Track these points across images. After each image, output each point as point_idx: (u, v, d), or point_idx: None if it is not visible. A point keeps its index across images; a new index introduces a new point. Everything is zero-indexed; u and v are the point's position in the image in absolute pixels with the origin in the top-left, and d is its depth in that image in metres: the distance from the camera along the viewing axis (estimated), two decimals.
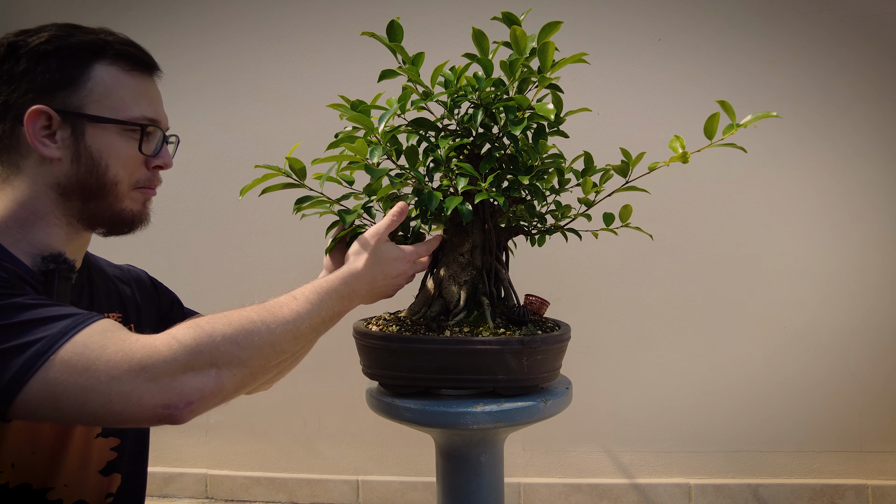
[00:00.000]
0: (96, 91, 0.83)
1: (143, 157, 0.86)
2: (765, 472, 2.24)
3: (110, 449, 0.91)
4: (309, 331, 0.80)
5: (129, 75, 0.86)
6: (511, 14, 0.95)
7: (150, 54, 0.90)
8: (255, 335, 0.73)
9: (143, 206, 0.90)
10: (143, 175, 0.88)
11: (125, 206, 0.87)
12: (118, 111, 0.84)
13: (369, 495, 2.36)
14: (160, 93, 0.92)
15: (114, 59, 0.85)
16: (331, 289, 0.85)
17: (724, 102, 0.93)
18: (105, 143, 0.83)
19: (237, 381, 0.72)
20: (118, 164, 0.84)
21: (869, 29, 2.14)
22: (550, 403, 0.94)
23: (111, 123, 0.83)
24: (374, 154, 0.89)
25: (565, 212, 1.07)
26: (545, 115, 0.90)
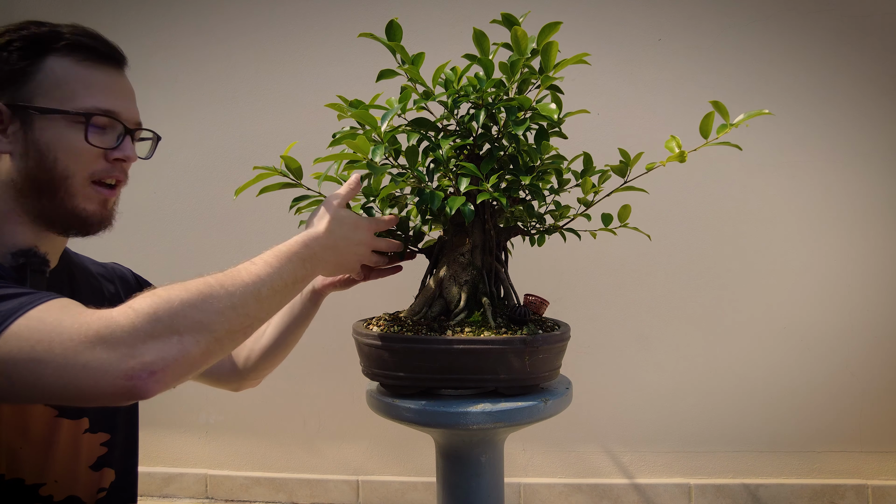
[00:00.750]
0: (45, 83, 0.81)
1: (97, 149, 0.83)
2: (765, 472, 2.24)
3: (100, 444, 0.91)
4: (271, 293, 0.77)
5: (83, 66, 0.83)
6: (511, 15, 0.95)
7: (114, 46, 0.87)
8: (215, 299, 0.71)
9: (101, 206, 0.86)
10: (100, 167, 0.84)
11: (78, 204, 0.83)
12: (65, 102, 0.81)
13: (369, 495, 2.36)
14: (129, 86, 0.89)
15: (67, 50, 0.83)
16: (290, 252, 0.82)
17: (717, 102, 0.94)
18: (53, 135, 0.81)
19: (202, 348, 0.69)
20: (67, 156, 0.82)
21: (869, 29, 2.15)
22: (550, 403, 0.94)
23: (58, 114, 0.80)
24: (377, 152, 0.89)
25: (564, 212, 1.08)
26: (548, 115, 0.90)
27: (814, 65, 2.17)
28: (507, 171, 0.99)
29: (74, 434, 0.87)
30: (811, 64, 2.17)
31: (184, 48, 2.38)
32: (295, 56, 2.34)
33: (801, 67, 2.17)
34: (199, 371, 0.71)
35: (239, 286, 0.74)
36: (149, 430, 2.40)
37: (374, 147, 0.89)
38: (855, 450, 2.21)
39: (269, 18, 2.35)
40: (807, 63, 2.17)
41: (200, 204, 2.40)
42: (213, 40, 2.37)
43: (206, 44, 2.37)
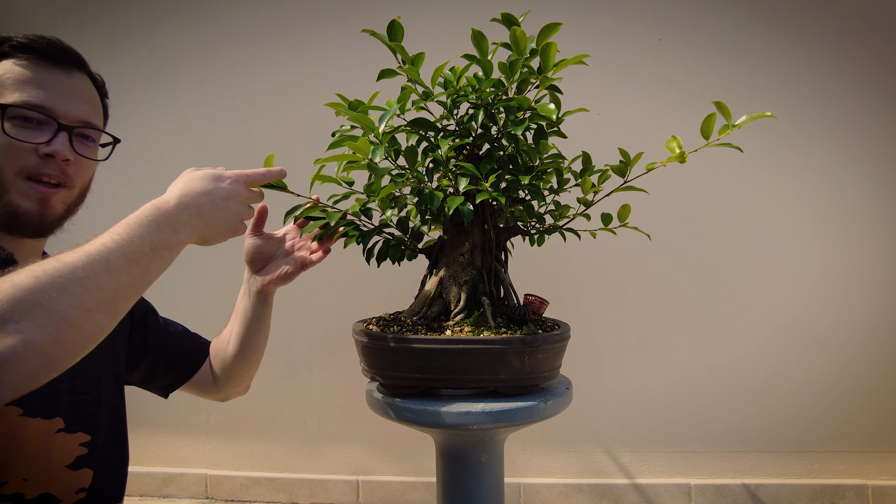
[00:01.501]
0: None
1: (24, 143, 0.83)
2: (765, 472, 2.24)
3: (79, 444, 0.90)
4: (126, 262, 0.69)
5: (21, 66, 0.84)
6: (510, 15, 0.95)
7: (62, 48, 0.87)
8: (52, 275, 0.63)
9: (39, 203, 0.85)
10: (31, 163, 0.84)
11: (12, 199, 0.83)
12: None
13: (369, 495, 2.36)
14: (76, 86, 0.88)
15: (11, 51, 0.84)
16: (140, 217, 0.74)
17: (719, 103, 0.93)
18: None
19: (52, 333, 0.60)
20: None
21: (869, 29, 2.15)
22: (551, 403, 0.94)
23: None
24: (377, 153, 0.89)
25: (564, 212, 1.08)
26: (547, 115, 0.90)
27: (814, 64, 2.17)
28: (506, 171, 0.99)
29: (45, 433, 0.86)
30: (811, 64, 2.17)
31: (183, 48, 2.38)
32: (295, 55, 2.34)
33: (802, 67, 2.17)
34: (68, 362, 0.64)
35: (82, 259, 0.66)
36: (149, 431, 2.42)
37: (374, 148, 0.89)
38: (855, 450, 2.21)
39: (269, 18, 2.35)
40: (807, 63, 2.17)
41: None
42: (212, 40, 2.37)
43: (206, 43, 2.37)
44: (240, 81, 2.36)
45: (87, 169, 0.91)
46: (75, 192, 0.90)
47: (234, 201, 0.85)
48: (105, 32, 2.37)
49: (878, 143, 2.17)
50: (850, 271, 2.20)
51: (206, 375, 1.17)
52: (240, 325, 1.12)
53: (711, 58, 2.19)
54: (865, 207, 2.18)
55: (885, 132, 2.16)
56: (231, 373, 1.15)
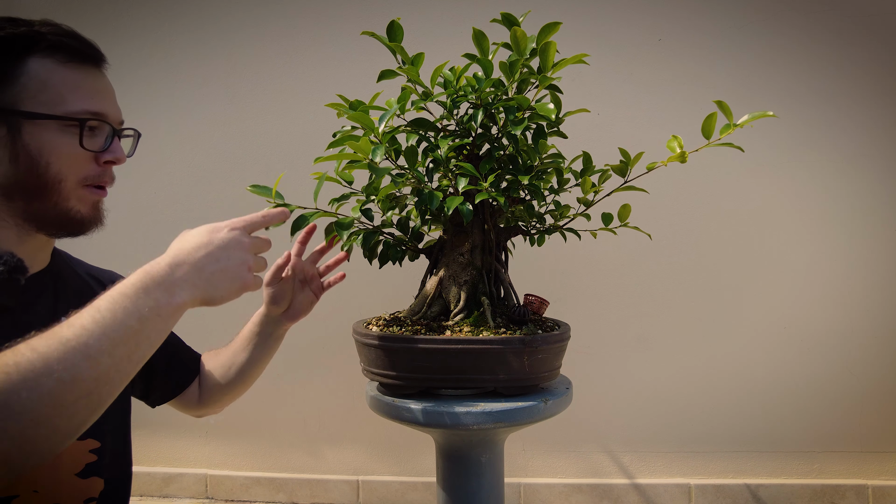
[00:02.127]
0: (31, 86, 0.79)
1: (88, 152, 0.82)
2: (765, 472, 2.24)
3: (88, 451, 0.87)
4: (107, 344, 0.61)
5: (67, 67, 0.81)
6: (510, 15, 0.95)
7: (93, 45, 0.85)
8: (24, 370, 0.56)
9: (92, 207, 0.85)
10: (93, 171, 0.83)
11: (71, 206, 0.82)
12: (55, 106, 0.79)
13: (369, 495, 2.36)
14: (110, 85, 0.87)
15: (48, 51, 0.80)
16: (125, 284, 0.67)
17: (721, 102, 0.93)
18: (44, 140, 0.79)
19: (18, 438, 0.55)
20: (60, 161, 0.80)
21: (869, 29, 2.14)
22: (551, 403, 0.94)
23: (48, 119, 0.79)
24: (377, 153, 0.89)
25: (564, 212, 1.08)
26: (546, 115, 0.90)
27: (814, 65, 2.17)
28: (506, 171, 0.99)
29: None
30: (811, 64, 2.17)
31: (183, 47, 2.38)
32: (295, 56, 2.34)
33: (802, 67, 2.17)
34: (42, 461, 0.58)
35: (58, 348, 0.58)
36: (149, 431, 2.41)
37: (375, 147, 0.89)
38: (855, 450, 2.21)
39: (269, 18, 2.35)
40: (807, 63, 2.17)
41: (199, 205, 2.40)
42: (212, 40, 2.37)
43: (206, 43, 2.37)
44: (240, 82, 2.36)
45: None
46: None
47: (236, 250, 0.76)
48: (105, 33, 2.37)
49: (878, 144, 2.17)
50: (851, 271, 2.19)
51: (192, 391, 1.12)
52: (246, 357, 1.08)
53: (712, 58, 2.19)
54: (866, 207, 2.18)
55: (886, 132, 2.16)
56: (220, 397, 1.11)
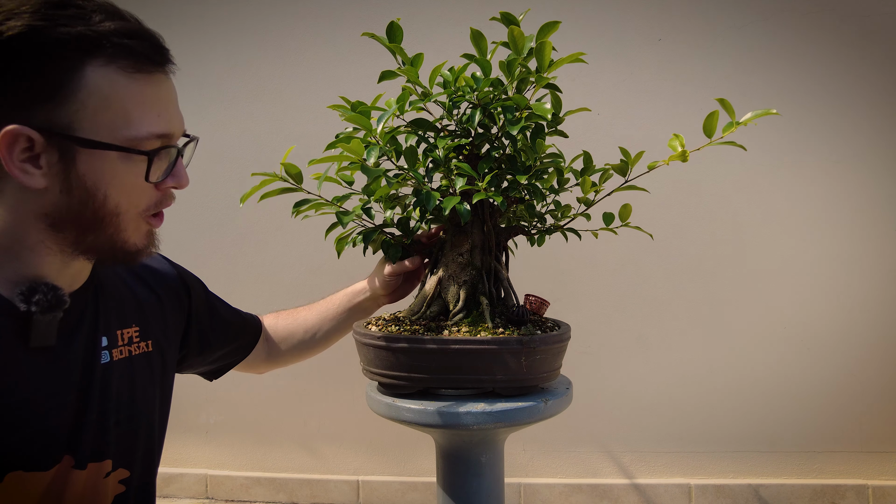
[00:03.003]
0: (90, 104, 0.66)
1: (150, 184, 0.72)
2: (765, 472, 2.24)
3: (118, 482, 0.82)
4: None
5: (132, 79, 0.68)
6: (509, 14, 0.95)
7: (159, 41, 0.72)
8: None
9: (146, 236, 0.76)
10: (154, 199, 0.74)
11: (128, 238, 0.73)
12: (119, 130, 0.67)
13: (369, 495, 2.36)
14: (174, 91, 0.75)
15: (112, 57, 0.67)
16: None
17: (723, 101, 0.93)
18: (103, 171, 0.68)
19: None
20: (119, 193, 0.70)
21: (869, 29, 2.14)
22: (551, 403, 0.93)
23: (110, 150, 0.67)
24: (371, 154, 0.88)
25: (565, 211, 1.07)
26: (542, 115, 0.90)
27: (814, 64, 2.17)
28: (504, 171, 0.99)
29: (95, 479, 0.78)
30: (812, 64, 2.17)
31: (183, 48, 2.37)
32: (295, 57, 2.34)
33: (802, 67, 2.17)
34: None
35: None
36: None
37: (370, 149, 0.89)
38: (855, 450, 2.21)
39: (269, 18, 2.34)
40: (807, 63, 2.17)
41: (199, 206, 2.40)
42: (212, 41, 2.37)
43: (206, 44, 2.37)
44: (240, 82, 2.36)
45: None
46: None
47: None
48: None
49: (878, 143, 2.17)
50: (851, 271, 2.19)
51: (256, 353, 1.13)
52: (334, 325, 1.15)
53: (712, 57, 2.19)
54: (866, 207, 2.18)
55: (886, 133, 2.16)
56: (297, 355, 1.18)
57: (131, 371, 0.84)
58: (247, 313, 1.14)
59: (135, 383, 0.84)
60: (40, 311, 0.69)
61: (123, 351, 0.83)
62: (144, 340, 0.87)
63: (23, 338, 0.70)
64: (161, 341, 0.91)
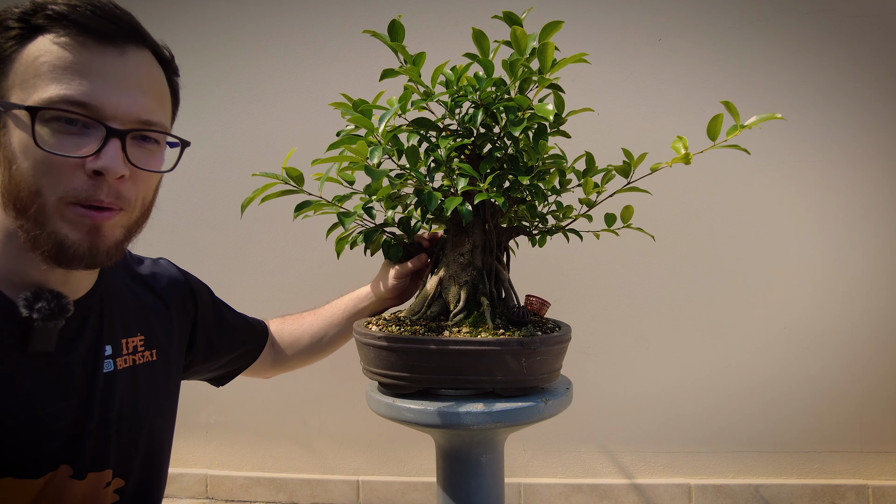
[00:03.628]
0: (21, 71, 0.64)
1: (67, 159, 0.64)
2: (765, 472, 2.24)
3: (113, 492, 0.80)
4: None
5: (60, 45, 0.64)
6: (512, 13, 0.95)
7: (116, 16, 0.68)
8: None
9: (89, 233, 0.67)
10: (78, 183, 0.65)
11: (58, 228, 0.65)
12: (29, 93, 0.63)
13: (369, 495, 2.36)
14: (135, 72, 0.68)
15: (47, 25, 0.65)
16: None
17: (728, 103, 0.93)
18: (18, 138, 0.64)
19: None
20: (31, 166, 0.63)
21: (869, 29, 2.14)
22: (551, 404, 0.93)
23: (19, 110, 0.63)
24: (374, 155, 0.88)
25: (567, 212, 1.07)
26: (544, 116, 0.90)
27: (814, 64, 2.17)
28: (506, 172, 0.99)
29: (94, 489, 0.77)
30: (812, 63, 2.17)
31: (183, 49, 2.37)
32: (295, 56, 2.33)
33: (803, 67, 2.17)
34: None
35: None
36: None
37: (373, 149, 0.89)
38: (855, 450, 2.21)
39: (270, 18, 2.34)
40: (808, 63, 2.17)
41: (200, 206, 2.40)
42: (212, 41, 2.37)
43: (206, 45, 2.37)
44: (240, 82, 2.36)
45: (148, 181, 0.73)
46: (136, 213, 0.73)
47: None
48: None
49: (879, 143, 2.17)
50: (851, 271, 2.19)
51: (261, 360, 1.14)
52: (341, 330, 1.14)
53: (712, 57, 2.19)
54: (866, 207, 2.18)
55: (887, 132, 2.16)
56: (303, 359, 1.17)
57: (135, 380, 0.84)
58: (253, 319, 1.14)
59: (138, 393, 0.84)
60: (42, 318, 0.68)
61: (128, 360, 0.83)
62: (149, 349, 0.87)
63: (21, 342, 0.69)
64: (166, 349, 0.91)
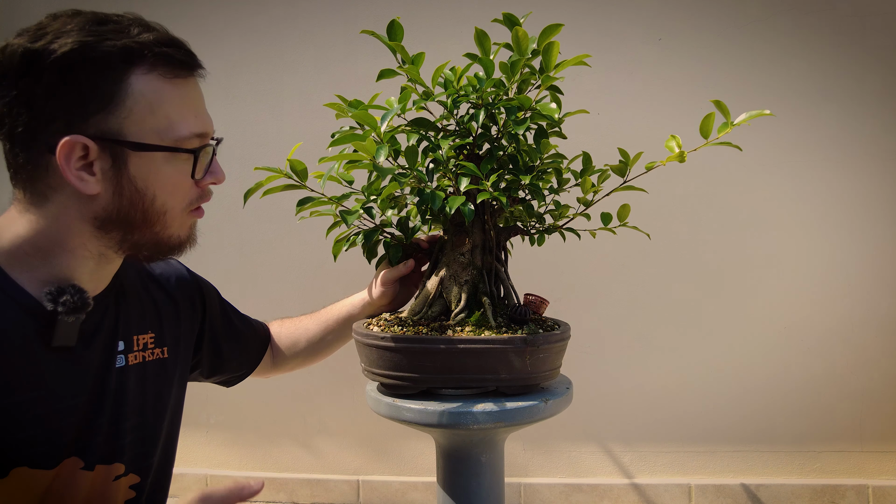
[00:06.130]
0: (136, 110, 0.71)
1: (192, 181, 0.77)
2: (765, 472, 2.24)
3: (128, 487, 0.83)
4: None
5: (172, 84, 0.73)
6: (512, 15, 0.95)
7: (189, 49, 0.77)
8: None
9: (189, 230, 0.82)
10: (195, 195, 0.79)
11: (174, 234, 0.78)
12: (164, 133, 0.72)
13: (369, 495, 2.36)
14: (201, 92, 0.80)
15: (153, 65, 0.72)
16: None
17: (718, 102, 0.93)
18: (151, 171, 0.73)
19: None
20: (166, 192, 0.75)
21: (869, 29, 2.15)
22: (551, 403, 0.94)
23: (158, 151, 0.72)
24: (381, 153, 0.88)
25: (564, 211, 1.08)
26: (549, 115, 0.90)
27: (815, 64, 2.17)
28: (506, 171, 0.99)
29: (102, 482, 0.79)
30: (812, 63, 2.17)
31: None
32: (295, 56, 2.34)
33: (802, 67, 2.17)
34: None
35: None
36: None
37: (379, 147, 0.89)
38: (855, 450, 2.21)
39: (269, 17, 2.35)
40: (808, 62, 2.17)
41: None
42: (212, 40, 2.37)
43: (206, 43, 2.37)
44: (240, 82, 2.36)
45: None
46: None
47: None
48: None
49: (878, 143, 2.17)
50: (851, 271, 2.20)
51: (264, 361, 1.15)
52: (338, 335, 1.15)
53: (712, 57, 2.19)
54: (866, 207, 2.18)
55: (886, 132, 2.16)
56: (301, 362, 1.17)
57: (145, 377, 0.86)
58: (255, 321, 1.16)
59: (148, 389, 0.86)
60: (66, 312, 0.72)
61: (138, 356, 0.85)
62: (159, 347, 0.89)
63: (44, 337, 0.73)
64: (175, 347, 0.93)
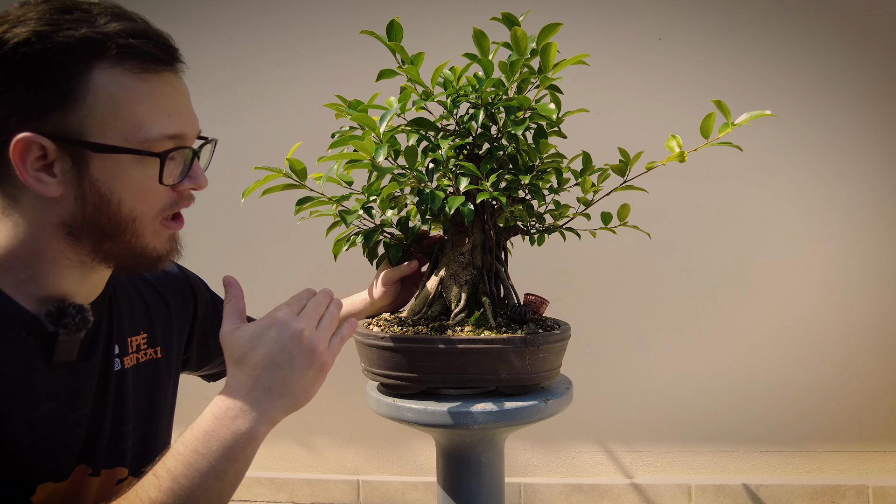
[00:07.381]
0: (98, 108, 0.64)
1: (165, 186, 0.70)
2: (765, 472, 2.24)
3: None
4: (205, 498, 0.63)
5: (141, 80, 0.67)
6: (511, 15, 0.95)
7: (167, 40, 0.71)
8: None
9: (168, 240, 0.75)
10: (169, 201, 0.72)
11: (147, 244, 0.72)
12: (130, 133, 0.66)
13: (369, 495, 2.36)
14: (185, 90, 0.74)
15: (118, 58, 0.65)
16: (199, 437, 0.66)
17: (719, 102, 0.93)
18: (116, 174, 0.66)
19: None
20: (134, 197, 0.68)
21: (869, 29, 2.14)
22: (551, 403, 0.94)
23: (122, 153, 0.66)
24: (380, 152, 0.88)
25: (564, 211, 1.08)
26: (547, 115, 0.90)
27: (814, 64, 2.17)
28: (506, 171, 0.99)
29: (106, 486, 0.78)
30: (812, 64, 2.17)
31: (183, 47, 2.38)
32: (295, 55, 2.34)
33: (802, 67, 2.17)
34: None
35: None
36: None
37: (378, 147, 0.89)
38: (855, 450, 2.21)
39: (269, 17, 2.35)
40: (807, 63, 2.17)
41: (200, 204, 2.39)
42: (213, 40, 2.37)
43: (206, 43, 2.37)
44: (240, 81, 2.36)
45: None
46: None
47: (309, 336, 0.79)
48: None
49: (878, 143, 2.17)
50: (851, 270, 2.20)
51: None
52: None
53: (712, 57, 2.19)
54: (866, 206, 2.18)
55: (886, 132, 2.16)
56: None
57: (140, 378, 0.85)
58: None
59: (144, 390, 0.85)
60: (67, 333, 0.70)
61: (133, 358, 0.84)
62: (152, 347, 0.89)
63: (45, 354, 0.71)
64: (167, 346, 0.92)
